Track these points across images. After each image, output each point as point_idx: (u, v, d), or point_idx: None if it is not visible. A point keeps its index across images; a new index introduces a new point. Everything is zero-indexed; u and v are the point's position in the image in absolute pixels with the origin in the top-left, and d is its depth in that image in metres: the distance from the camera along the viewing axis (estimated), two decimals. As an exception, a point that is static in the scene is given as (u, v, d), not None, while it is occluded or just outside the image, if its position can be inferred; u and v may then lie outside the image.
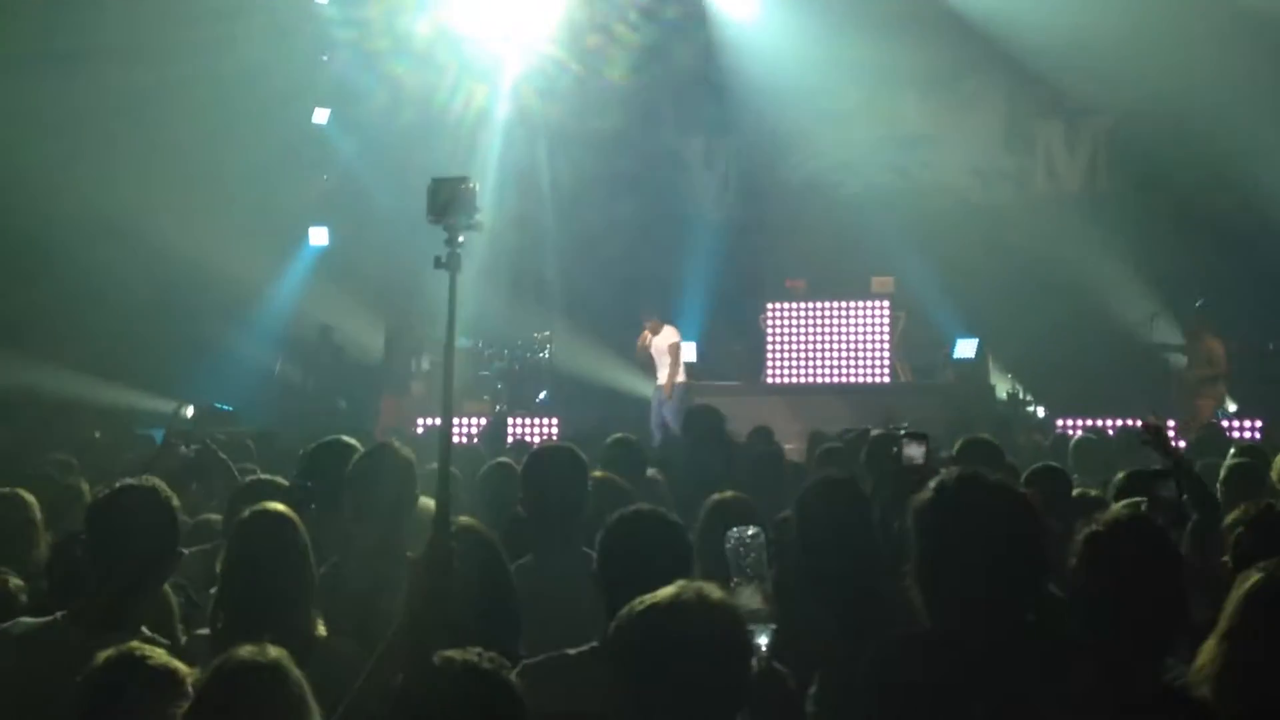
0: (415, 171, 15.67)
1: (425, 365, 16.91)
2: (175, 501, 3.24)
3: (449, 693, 2.06)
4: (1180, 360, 14.27)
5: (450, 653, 2.12)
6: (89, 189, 14.51)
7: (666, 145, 18.51)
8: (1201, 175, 14.61)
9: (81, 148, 14.50)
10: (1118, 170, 16.66)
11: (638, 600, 2.52)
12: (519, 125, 17.00)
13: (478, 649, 2.12)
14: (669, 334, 14.53)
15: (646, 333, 14.52)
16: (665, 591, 2.50)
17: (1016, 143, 17.53)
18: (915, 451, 4.15)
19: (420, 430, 13.76)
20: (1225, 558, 3.87)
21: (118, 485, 3.23)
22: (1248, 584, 2.91)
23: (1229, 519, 3.97)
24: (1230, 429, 12.74)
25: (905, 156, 17.75)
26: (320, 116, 17.63)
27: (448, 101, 16.44)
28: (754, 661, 2.61)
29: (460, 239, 3.01)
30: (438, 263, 3.00)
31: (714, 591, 2.53)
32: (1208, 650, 2.89)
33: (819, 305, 15.62)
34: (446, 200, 3.00)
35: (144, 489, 3.20)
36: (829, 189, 17.92)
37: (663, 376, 14.40)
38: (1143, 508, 4.07)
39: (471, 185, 3.03)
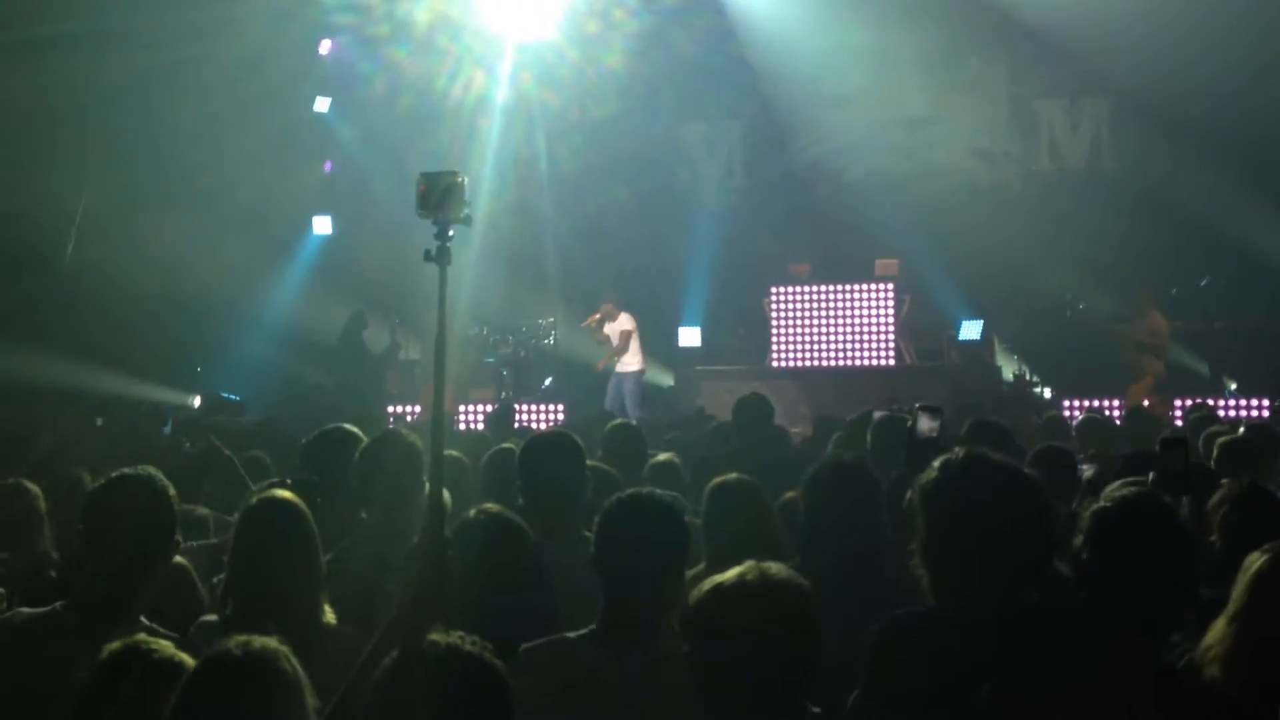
0: (415, 158, 15.69)
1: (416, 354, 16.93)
2: (172, 491, 3.23)
3: (430, 675, 2.05)
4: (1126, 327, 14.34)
5: (435, 636, 2.11)
6: (84, 177, 14.48)
7: (667, 132, 18.46)
8: (1203, 151, 14.57)
9: (74, 135, 14.44)
10: (1121, 149, 16.61)
11: (706, 581, 2.55)
12: (519, 112, 16.96)
13: (461, 633, 2.12)
14: (624, 320, 14.81)
15: (599, 315, 14.82)
16: (731, 572, 2.54)
17: (1019, 123, 17.49)
18: (929, 424, 4.15)
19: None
20: (1213, 537, 3.85)
21: (114, 475, 3.22)
22: (1255, 565, 2.90)
23: (1214, 499, 3.95)
24: (1237, 407, 12.75)
25: (909, 138, 17.72)
26: (322, 105, 17.61)
27: (447, 88, 16.41)
28: None
29: (450, 233, 3.00)
30: (427, 256, 2.99)
31: (778, 570, 2.55)
32: (1216, 630, 2.88)
33: (823, 289, 15.59)
34: (436, 195, 2.99)
35: (140, 478, 3.19)
36: (833, 173, 17.91)
37: (624, 360, 14.74)
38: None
39: (461, 179, 3.02)
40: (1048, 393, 14.88)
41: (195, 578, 3.86)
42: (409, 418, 14.48)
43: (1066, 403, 13.61)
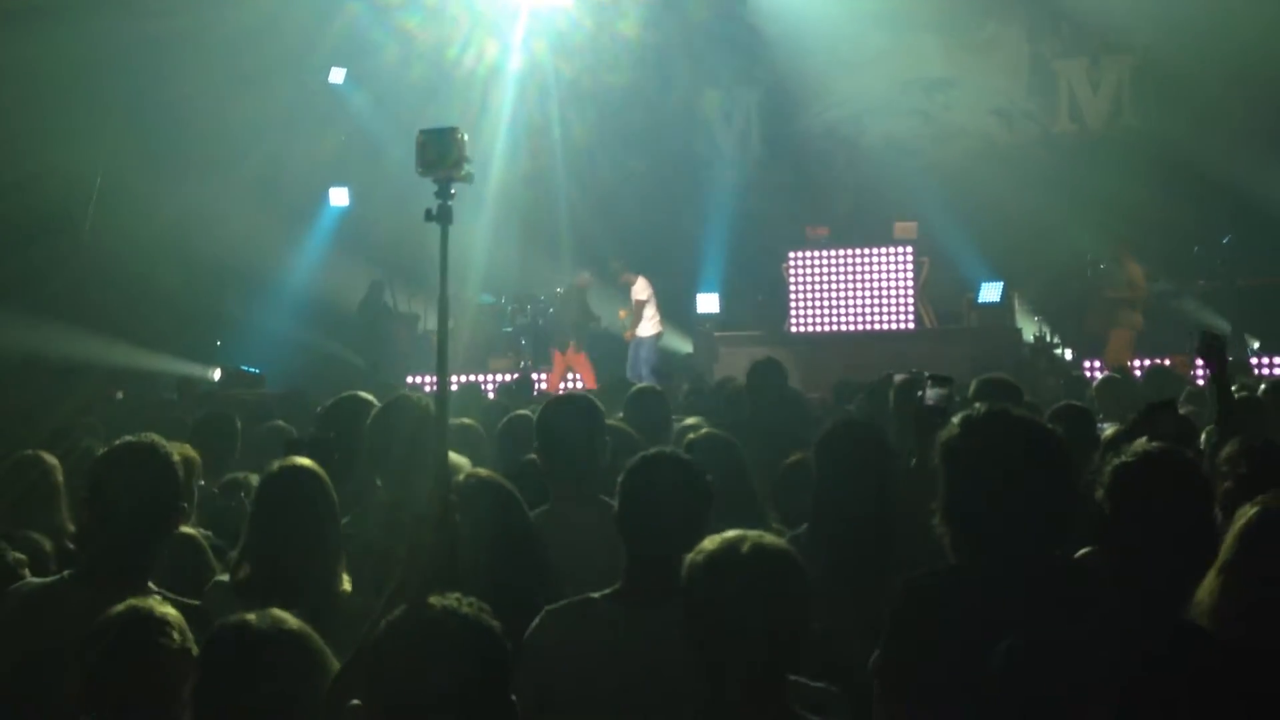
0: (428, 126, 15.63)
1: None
2: (178, 458, 3.21)
3: (424, 636, 2.04)
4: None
5: (433, 599, 2.10)
6: (98, 145, 14.45)
7: (683, 99, 18.35)
8: (1225, 109, 14.42)
9: (87, 102, 14.43)
10: (1141, 108, 16.44)
11: (697, 549, 2.52)
12: (532, 81, 16.87)
13: (458, 595, 2.10)
14: (640, 287, 14.92)
15: (623, 312, 15.19)
16: (718, 538, 2.51)
17: (1039, 83, 17.32)
18: (938, 394, 4.11)
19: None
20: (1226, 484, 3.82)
21: (118, 443, 3.22)
22: (1244, 517, 2.87)
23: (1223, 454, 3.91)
24: (1259, 365, 12.64)
25: (927, 100, 17.58)
26: (337, 76, 17.56)
27: (460, 56, 16.33)
28: None
29: (452, 191, 2.95)
30: (429, 215, 2.95)
31: (769, 538, 2.52)
32: (1206, 584, 2.85)
33: (841, 253, 15.50)
34: (436, 152, 2.94)
35: (143, 445, 3.18)
36: (850, 137, 17.80)
37: (639, 326, 14.91)
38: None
39: (461, 136, 2.97)
40: (1069, 354, 14.79)
41: (206, 545, 3.85)
42: (427, 388, 14.48)
43: (1087, 364, 13.53)
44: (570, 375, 15.10)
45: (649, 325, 14.97)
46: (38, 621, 2.91)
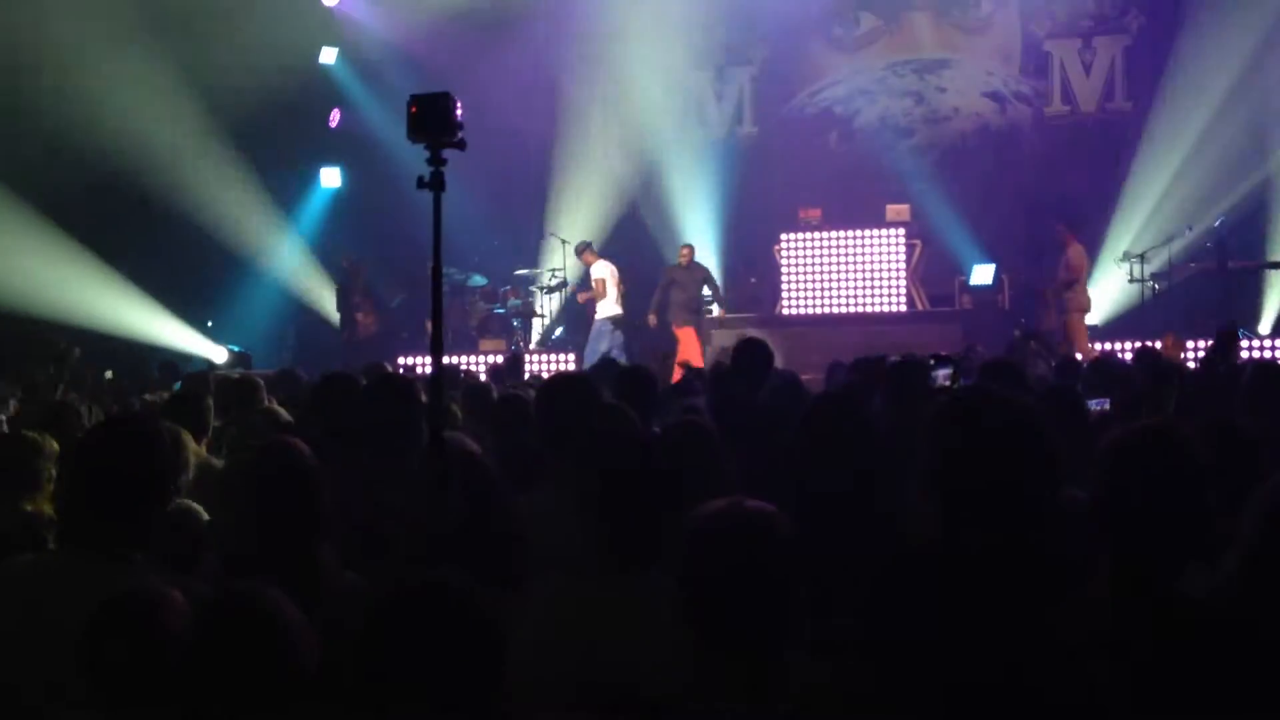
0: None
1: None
2: (167, 431, 3.20)
3: (414, 608, 2.05)
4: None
5: (419, 570, 2.11)
6: (84, 115, 14.41)
7: (676, 77, 18.26)
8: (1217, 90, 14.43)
9: (75, 71, 14.40)
10: (1134, 90, 16.43)
11: (689, 517, 2.53)
12: (524, 57, 16.81)
13: (449, 567, 2.11)
14: (600, 267, 14.97)
15: (586, 294, 15.21)
16: (708, 506, 2.51)
17: (1031, 65, 17.28)
18: (944, 374, 4.12)
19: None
20: None
21: (108, 418, 3.22)
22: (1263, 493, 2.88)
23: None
24: (1256, 348, 12.69)
25: (919, 82, 17.54)
26: (327, 56, 17.50)
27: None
28: None
29: (443, 157, 2.93)
30: (420, 183, 2.92)
31: (754, 504, 2.53)
32: (1228, 560, 2.86)
33: (833, 235, 15.50)
34: (427, 117, 2.92)
35: (132, 420, 3.18)
36: (843, 118, 17.76)
37: (600, 307, 14.91)
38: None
39: (453, 100, 2.94)
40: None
41: (200, 520, 3.85)
42: (419, 369, 14.49)
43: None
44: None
45: (610, 306, 14.92)
46: (29, 595, 2.90)
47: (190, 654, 2.37)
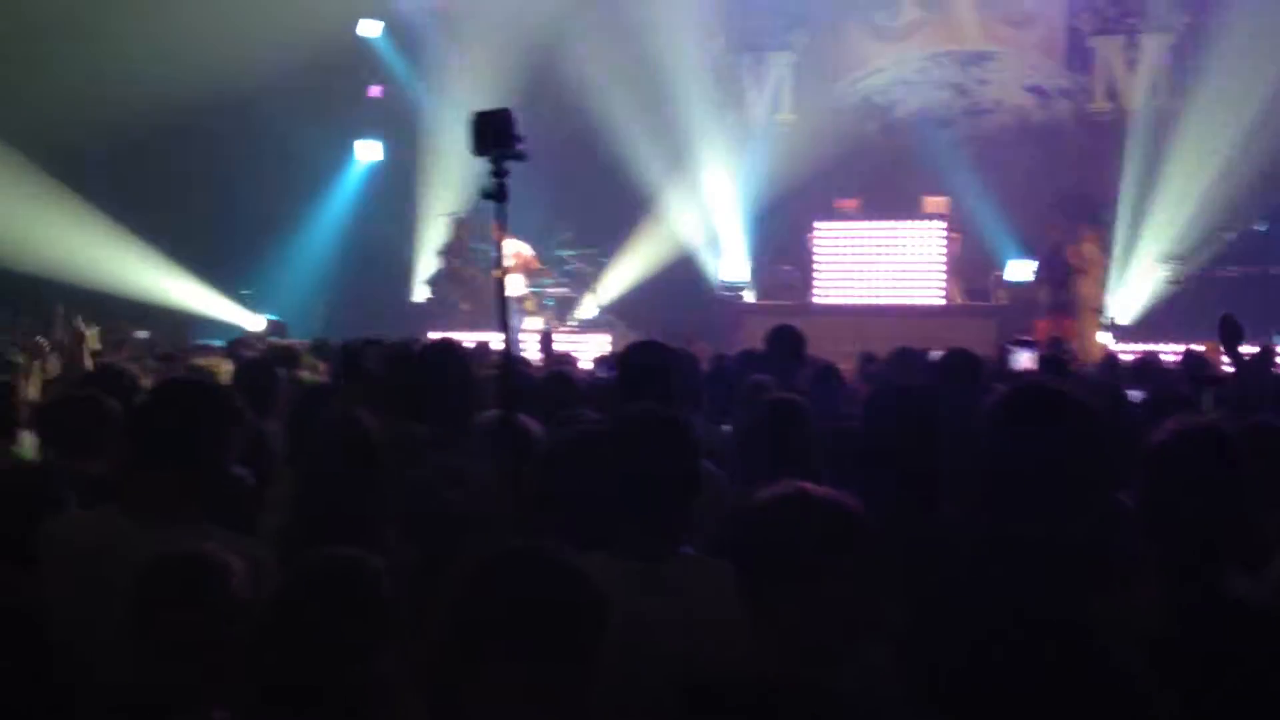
0: (462, 85, 15.65)
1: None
2: (226, 394, 3.22)
3: (516, 580, 2.06)
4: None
5: (516, 542, 2.13)
6: (119, 78, 14.48)
7: (714, 62, 18.19)
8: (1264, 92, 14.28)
9: (105, 49, 14.47)
10: (1179, 88, 16.28)
11: (748, 500, 2.51)
12: (560, 43, 16.78)
13: (542, 540, 2.13)
14: (514, 246, 14.78)
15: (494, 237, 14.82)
16: (770, 490, 2.49)
17: (1075, 60, 17.14)
18: (1025, 357, 4.07)
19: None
20: None
21: (169, 379, 3.25)
22: None
23: None
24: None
25: (961, 74, 17.43)
26: (368, 29, 17.53)
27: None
28: None
29: (507, 169, 2.98)
30: (484, 194, 2.98)
31: (817, 489, 2.50)
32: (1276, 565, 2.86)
33: (869, 225, 15.45)
34: (490, 132, 2.96)
35: (191, 381, 3.22)
36: (883, 107, 17.67)
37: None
38: None
39: (514, 115, 3.00)
40: (1104, 335, 14.69)
41: (250, 484, 3.88)
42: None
43: (1118, 346, 13.44)
44: None
45: (516, 286, 14.95)
46: (89, 552, 2.93)
47: (270, 617, 2.36)
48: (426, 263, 17.07)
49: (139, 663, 2.57)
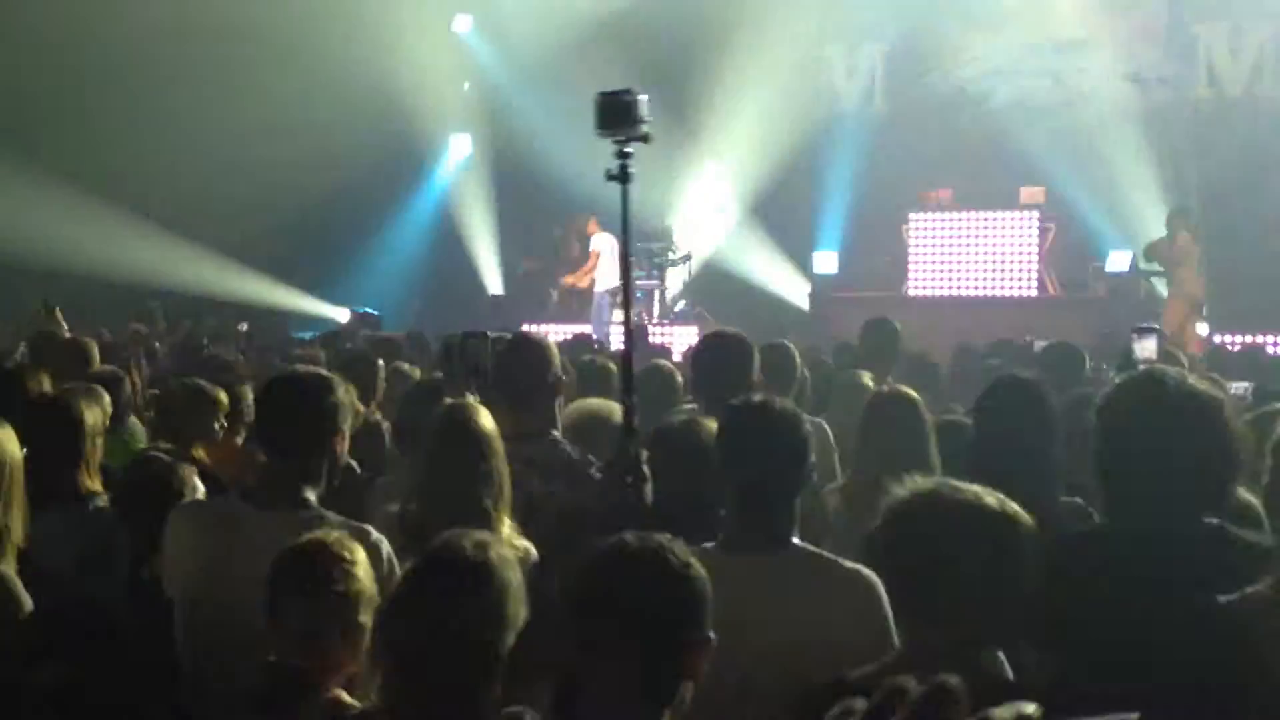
0: (550, 78, 15.72)
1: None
2: (336, 385, 3.24)
3: (631, 572, 2.09)
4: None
5: (629, 535, 2.15)
6: (225, 94, 14.77)
7: (806, 52, 18.05)
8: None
9: (202, 54, 14.75)
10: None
11: (895, 499, 2.45)
12: (654, 34, 16.78)
13: (666, 535, 2.15)
14: (601, 239, 14.91)
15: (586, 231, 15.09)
16: (911, 487, 2.45)
17: (1176, 47, 16.75)
18: (1148, 346, 3.98)
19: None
20: None
21: (286, 370, 3.33)
22: None
23: None
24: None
25: (1059, 62, 17.12)
26: (461, 25, 17.69)
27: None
28: None
29: (630, 151, 2.98)
30: (609, 175, 2.99)
31: (961, 489, 2.45)
32: None
33: (964, 216, 15.29)
34: (615, 114, 2.97)
35: (303, 372, 3.30)
36: (977, 97, 17.42)
37: (600, 281, 14.93)
38: None
39: (639, 96, 3.00)
40: (1203, 327, 14.35)
41: (359, 473, 3.96)
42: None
43: (1219, 338, 13.14)
44: None
45: (609, 279, 14.76)
46: (215, 537, 3.02)
47: (411, 600, 2.40)
48: (511, 257, 17.25)
49: (268, 646, 2.63)
